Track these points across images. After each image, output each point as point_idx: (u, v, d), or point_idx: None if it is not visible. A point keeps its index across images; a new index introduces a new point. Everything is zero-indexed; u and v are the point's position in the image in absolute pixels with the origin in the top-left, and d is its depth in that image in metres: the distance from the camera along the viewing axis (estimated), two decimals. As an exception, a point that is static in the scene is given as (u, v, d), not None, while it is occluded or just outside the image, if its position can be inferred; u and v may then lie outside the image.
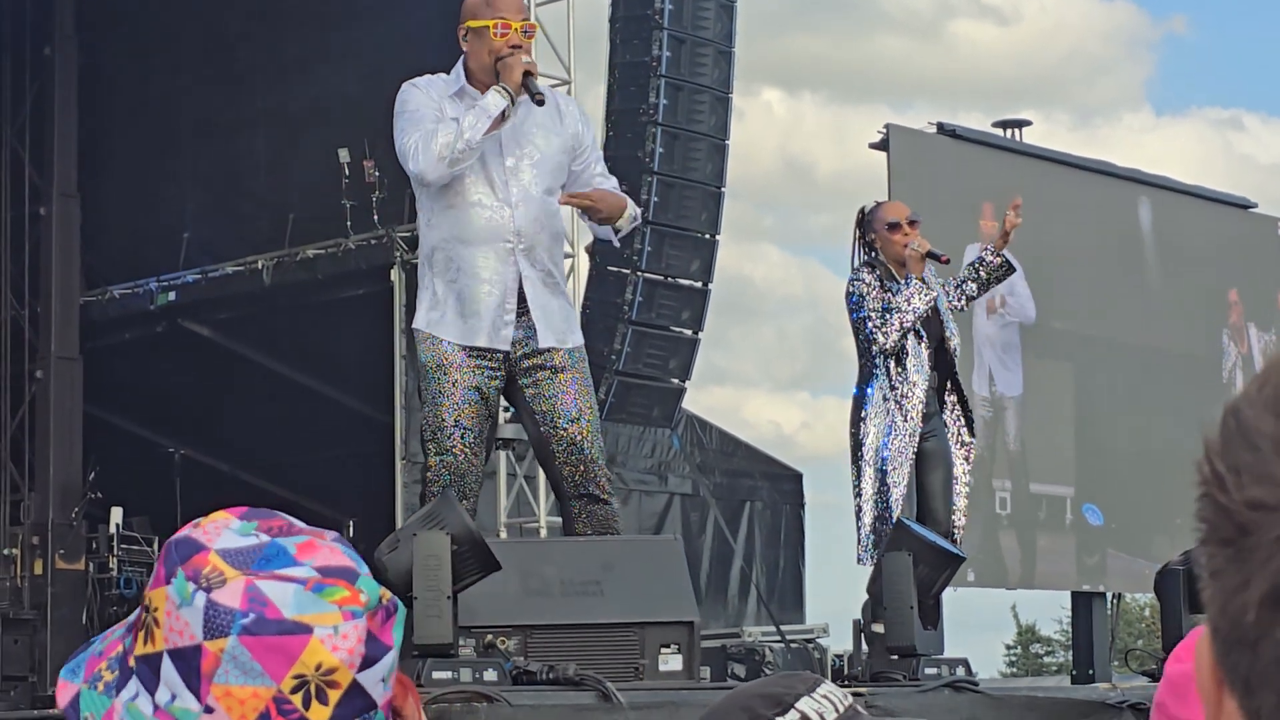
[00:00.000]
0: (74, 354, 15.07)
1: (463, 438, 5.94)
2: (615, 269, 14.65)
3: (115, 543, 14.37)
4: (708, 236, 14.93)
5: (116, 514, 14.51)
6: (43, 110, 15.16)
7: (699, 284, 15.03)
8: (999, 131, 13.47)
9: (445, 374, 5.96)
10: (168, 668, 1.45)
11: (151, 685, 1.46)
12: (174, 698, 1.45)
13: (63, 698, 1.51)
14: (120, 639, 1.53)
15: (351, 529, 16.47)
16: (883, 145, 12.12)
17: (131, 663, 1.48)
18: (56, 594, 14.24)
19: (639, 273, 14.64)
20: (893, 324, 7.67)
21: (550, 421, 6.01)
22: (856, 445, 7.77)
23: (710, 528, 15.92)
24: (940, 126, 12.74)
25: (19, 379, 15.07)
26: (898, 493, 7.66)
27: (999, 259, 8.05)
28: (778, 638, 13.77)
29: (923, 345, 7.80)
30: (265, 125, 15.40)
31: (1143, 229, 13.75)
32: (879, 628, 6.12)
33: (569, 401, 6.00)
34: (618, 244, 6.69)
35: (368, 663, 1.47)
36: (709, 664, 12.70)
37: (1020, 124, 13.54)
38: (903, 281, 7.77)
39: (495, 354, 5.99)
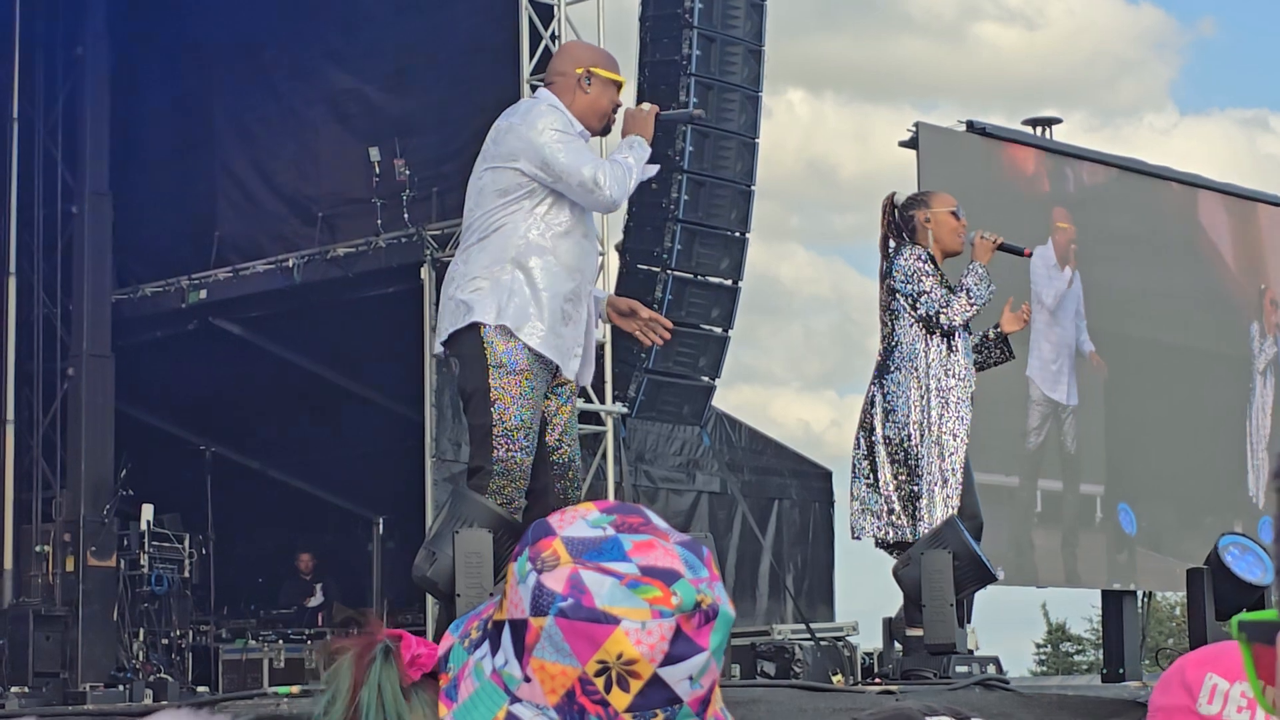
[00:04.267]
0: (105, 352, 15.12)
1: (529, 439, 6.13)
2: (645, 267, 14.66)
3: (146, 540, 14.43)
4: (738, 234, 14.93)
5: (148, 511, 14.56)
6: (75, 109, 15.21)
7: (729, 282, 15.03)
8: (1029, 129, 13.44)
9: (525, 377, 6.12)
10: (505, 635, 1.61)
11: (495, 649, 1.63)
12: (506, 663, 1.61)
13: (441, 649, 1.67)
14: (494, 602, 1.68)
15: (381, 526, 16.52)
16: (912, 144, 12.10)
17: (490, 626, 1.65)
18: (88, 591, 14.28)
19: (669, 271, 14.64)
20: (959, 302, 7.35)
21: (556, 439, 6.26)
22: (899, 426, 7.33)
23: (738, 525, 15.91)
24: (970, 125, 12.70)
25: (51, 377, 15.12)
26: (955, 480, 7.18)
27: (1003, 342, 7.75)
28: (807, 636, 13.76)
29: (970, 338, 7.68)
30: (296, 124, 15.44)
31: (1174, 226, 13.70)
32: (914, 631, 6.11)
33: (572, 425, 6.33)
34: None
35: (671, 660, 1.57)
36: (738, 662, 12.70)
37: (1050, 121, 13.50)
38: (971, 265, 7.50)
39: (552, 366, 6.20)
